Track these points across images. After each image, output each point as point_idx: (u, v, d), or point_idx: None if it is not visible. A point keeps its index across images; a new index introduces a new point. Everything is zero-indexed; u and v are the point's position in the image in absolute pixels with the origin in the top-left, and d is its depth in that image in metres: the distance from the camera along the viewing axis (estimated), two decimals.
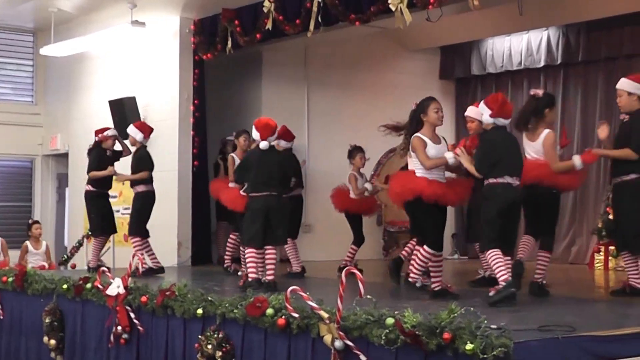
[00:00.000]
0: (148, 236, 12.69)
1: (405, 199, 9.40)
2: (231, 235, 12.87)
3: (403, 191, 9.35)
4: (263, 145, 10.64)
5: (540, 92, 10.10)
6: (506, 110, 8.85)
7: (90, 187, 13.31)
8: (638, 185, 9.22)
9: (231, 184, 12.00)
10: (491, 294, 8.52)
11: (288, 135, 12.54)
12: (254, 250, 10.57)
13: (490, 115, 8.81)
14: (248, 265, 10.58)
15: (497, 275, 8.55)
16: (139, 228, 12.62)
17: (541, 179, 9.32)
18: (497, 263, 8.56)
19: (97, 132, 13.55)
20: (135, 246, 12.52)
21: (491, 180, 8.72)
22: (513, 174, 8.74)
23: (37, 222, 15.90)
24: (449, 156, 9.13)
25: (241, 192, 11.22)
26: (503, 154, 8.74)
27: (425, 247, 9.30)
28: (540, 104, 9.80)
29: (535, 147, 9.48)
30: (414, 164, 9.47)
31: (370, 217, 13.53)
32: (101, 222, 13.33)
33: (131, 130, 12.74)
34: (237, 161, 11.96)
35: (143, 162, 12.63)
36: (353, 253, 12.88)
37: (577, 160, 9.55)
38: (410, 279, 9.46)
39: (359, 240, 13.00)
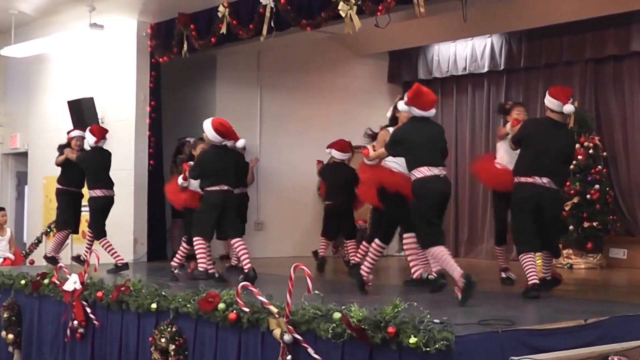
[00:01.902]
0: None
1: (370, 189, 9.49)
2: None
3: (368, 179, 9.34)
4: (234, 144, 11.12)
5: None
6: (421, 100, 8.70)
7: (57, 185, 13.21)
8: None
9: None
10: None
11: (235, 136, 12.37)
12: (204, 241, 10.68)
13: (405, 103, 8.76)
14: (199, 255, 10.62)
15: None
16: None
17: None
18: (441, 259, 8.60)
19: (68, 133, 13.52)
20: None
21: (416, 175, 8.56)
22: (432, 164, 8.56)
23: (3, 209, 15.72)
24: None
25: (183, 185, 11.40)
26: (413, 145, 8.61)
27: (376, 240, 9.19)
28: None
29: None
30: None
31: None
32: (61, 218, 13.24)
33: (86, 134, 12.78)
34: None
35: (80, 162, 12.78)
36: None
37: None
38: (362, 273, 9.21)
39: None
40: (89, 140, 12.61)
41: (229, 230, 10.88)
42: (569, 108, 9.22)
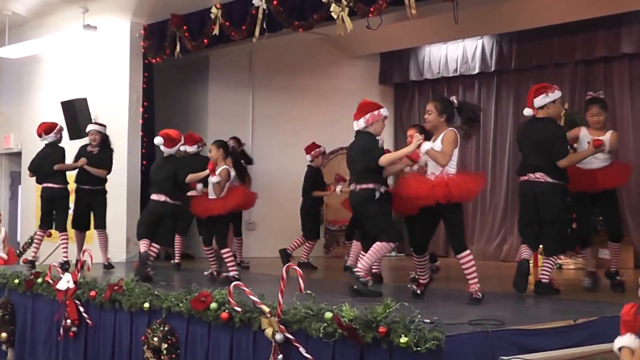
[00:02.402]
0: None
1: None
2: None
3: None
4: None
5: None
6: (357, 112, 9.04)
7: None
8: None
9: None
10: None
11: (189, 140, 12.41)
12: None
13: None
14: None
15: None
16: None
17: None
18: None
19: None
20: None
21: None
22: (351, 180, 9.06)
23: None
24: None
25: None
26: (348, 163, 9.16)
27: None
28: None
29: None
30: None
31: None
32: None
33: None
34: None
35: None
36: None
37: None
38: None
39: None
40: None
41: (159, 236, 11.24)
42: (525, 112, 9.66)
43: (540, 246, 10.85)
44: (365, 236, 9.55)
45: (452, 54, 16.50)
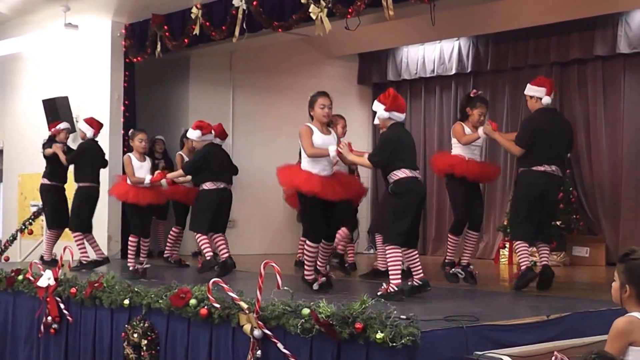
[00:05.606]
0: (89, 231, 12.61)
1: (287, 192, 10.27)
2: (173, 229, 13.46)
3: (286, 184, 9.53)
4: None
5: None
6: (399, 104, 8.70)
7: (45, 180, 13.03)
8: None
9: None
10: (379, 293, 8.33)
11: (223, 135, 12.39)
12: (206, 235, 11.15)
13: (386, 109, 8.68)
14: (205, 248, 11.09)
15: (391, 276, 8.44)
16: (78, 223, 12.51)
17: None
18: (395, 262, 8.45)
19: (50, 127, 13.41)
20: (77, 241, 12.42)
21: (399, 175, 8.51)
22: (413, 167, 8.59)
23: None
24: (332, 149, 8.87)
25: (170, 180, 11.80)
26: (403, 149, 8.61)
27: (307, 240, 9.12)
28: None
29: None
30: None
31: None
32: (54, 215, 13.10)
33: (82, 125, 12.70)
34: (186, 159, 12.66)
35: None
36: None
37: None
38: (305, 277, 9.29)
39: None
40: (87, 132, 12.58)
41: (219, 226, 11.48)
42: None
43: None
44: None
45: (430, 55, 16.54)
